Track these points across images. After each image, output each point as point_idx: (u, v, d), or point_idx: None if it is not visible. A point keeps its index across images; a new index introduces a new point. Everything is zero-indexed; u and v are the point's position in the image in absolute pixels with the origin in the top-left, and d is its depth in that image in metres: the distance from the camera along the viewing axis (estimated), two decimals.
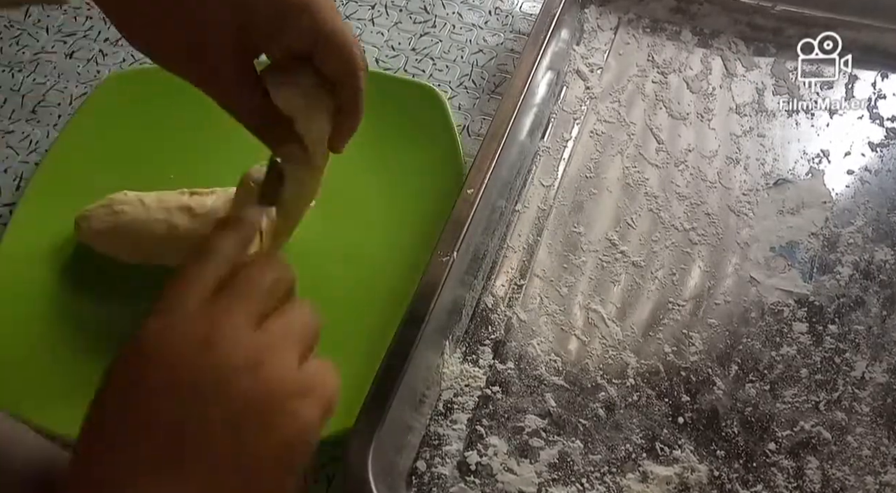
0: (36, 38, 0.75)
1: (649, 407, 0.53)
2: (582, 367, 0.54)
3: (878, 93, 0.67)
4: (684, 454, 0.51)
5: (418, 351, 0.50)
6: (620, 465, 0.50)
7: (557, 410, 0.52)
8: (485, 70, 0.72)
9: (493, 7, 0.76)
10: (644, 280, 0.58)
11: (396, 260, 0.59)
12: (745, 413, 0.52)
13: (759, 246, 0.60)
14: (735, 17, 0.71)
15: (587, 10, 0.72)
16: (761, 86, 0.68)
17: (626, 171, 0.64)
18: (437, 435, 0.51)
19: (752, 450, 0.51)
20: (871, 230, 0.60)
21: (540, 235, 0.61)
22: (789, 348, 0.55)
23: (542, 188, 0.63)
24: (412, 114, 0.65)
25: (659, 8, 0.72)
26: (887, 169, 0.63)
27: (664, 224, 0.61)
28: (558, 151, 0.65)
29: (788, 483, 0.49)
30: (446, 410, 0.53)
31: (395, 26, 0.75)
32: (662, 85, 0.68)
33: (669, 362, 0.54)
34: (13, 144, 0.68)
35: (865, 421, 0.52)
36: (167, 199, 0.56)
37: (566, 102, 0.67)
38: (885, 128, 0.65)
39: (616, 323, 0.56)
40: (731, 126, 0.66)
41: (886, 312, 0.56)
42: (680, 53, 0.70)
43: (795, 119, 0.66)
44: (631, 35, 0.71)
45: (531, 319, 0.56)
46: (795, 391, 0.53)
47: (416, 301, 0.52)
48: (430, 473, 0.50)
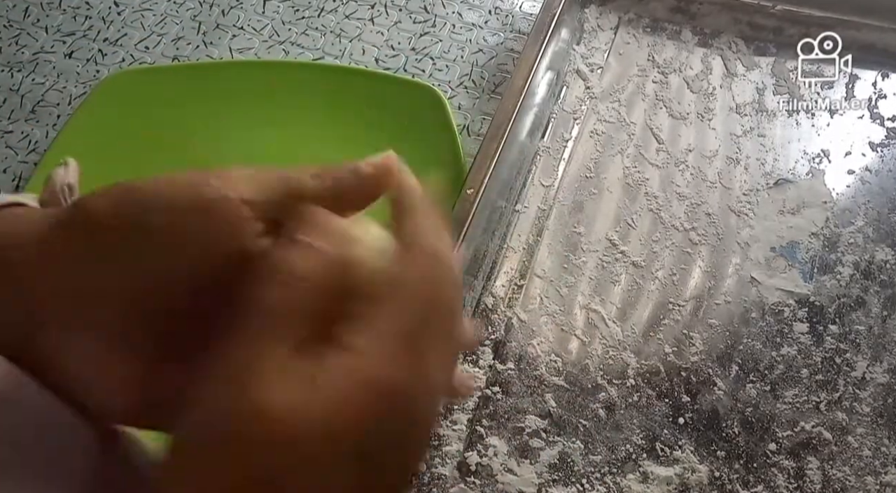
0: (35, 38, 0.75)
1: (650, 408, 0.52)
2: (582, 367, 0.54)
3: (878, 92, 0.67)
4: (685, 454, 0.51)
5: None
6: (621, 465, 0.50)
7: (558, 410, 0.52)
8: (485, 70, 0.72)
9: (493, 7, 0.76)
10: (644, 280, 0.58)
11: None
12: (746, 414, 0.52)
13: (759, 246, 0.59)
14: (735, 16, 0.71)
15: (587, 10, 0.72)
16: (762, 86, 0.68)
17: (627, 171, 0.63)
18: (437, 436, 0.51)
19: (752, 450, 0.51)
20: (871, 230, 0.60)
21: (540, 235, 0.60)
22: (790, 349, 0.55)
23: (542, 188, 0.63)
24: (412, 114, 0.65)
25: (659, 7, 0.72)
26: (888, 169, 0.63)
27: (664, 224, 0.61)
28: (558, 151, 0.65)
29: (789, 484, 0.49)
30: (446, 410, 0.52)
31: (395, 26, 0.75)
32: (663, 85, 0.68)
33: (670, 363, 0.54)
34: (12, 144, 0.68)
35: (866, 421, 0.52)
36: None
37: (566, 102, 0.67)
38: (885, 128, 0.65)
39: (616, 323, 0.56)
40: (732, 126, 0.66)
41: (887, 312, 0.56)
42: (680, 53, 0.70)
43: (796, 119, 0.66)
44: (631, 35, 0.71)
45: (531, 319, 0.56)
46: (796, 392, 0.53)
47: None
48: (430, 473, 0.50)
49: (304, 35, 0.75)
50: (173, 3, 0.78)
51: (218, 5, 0.78)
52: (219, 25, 0.76)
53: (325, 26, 0.76)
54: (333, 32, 0.75)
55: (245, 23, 0.76)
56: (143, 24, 0.77)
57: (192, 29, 0.76)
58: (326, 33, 0.75)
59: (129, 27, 0.76)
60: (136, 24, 0.77)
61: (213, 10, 0.77)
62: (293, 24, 0.76)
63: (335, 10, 0.77)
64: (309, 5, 0.77)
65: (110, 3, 0.78)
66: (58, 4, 0.78)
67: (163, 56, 0.74)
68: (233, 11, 0.77)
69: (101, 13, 0.77)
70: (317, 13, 0.76)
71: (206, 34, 0.76)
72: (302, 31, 0.75)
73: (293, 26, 0.76)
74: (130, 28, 0.76)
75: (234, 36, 0.76)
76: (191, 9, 0.78)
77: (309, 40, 0.75)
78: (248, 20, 0.77)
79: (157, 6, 0.78)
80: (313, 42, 0.75)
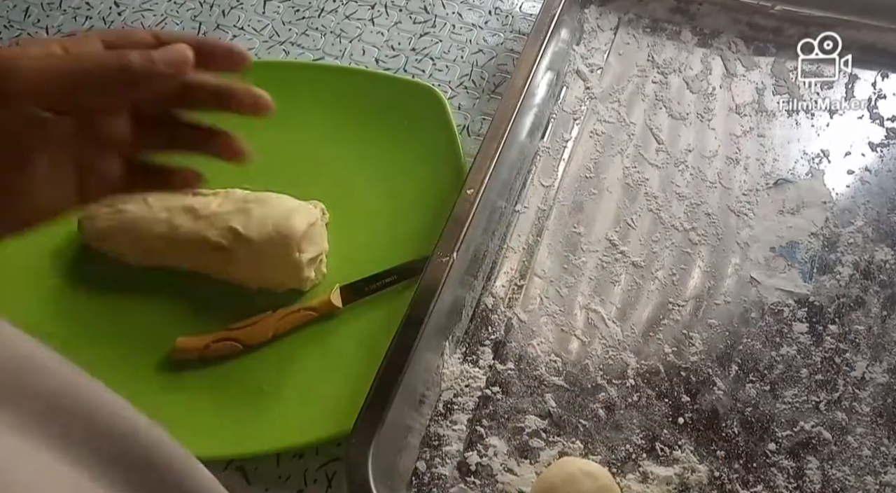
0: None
1: (649, 407, 0.53)
2: (582, 367, 0.54)
3: (878, 93, 0.67)
4: (684, 454, 0.51)
5: (418, 352, 0.50)
6: (621, 465, 0.50)
7: (557, 410, 0.52)
8: (485, 70, 0.72)
9: (493, 7, 0.76)
10: (644, 280, 0.58)
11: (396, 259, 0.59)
12: (746, 413, 0.52)
13: (759, 246, 0.59)
14: (735, 16, 0.71)
15: (587, 10, 0.72)
16: (761, 86, 0.68)
17: (626, 171, 0.64)
18: (437, 436, 0.52)
19: (752, 450, 0.51)
20: (871, 230, 0.60)
21: (540, 235, 0.61)
22: (789, 349, 0.55)
23: (542, 188, 0.63)
24: (412, 114, 0.65)
25: (659, 8, 0.72)
26: (887, 169, 0.63)
27: (664, 224, 0.61)
28: (558, 152, 0.65)
29: (788, 484, 0.49)
30: (446, 410, 0.53)
31: (395, 26, 0.75)
32: (662, 85, 0.68)
33: (669, 363, 0.54)
34: None
35: (865, 421, 0.52)
36: (170, 199, 0.56)
37: (566, 103, 0.67)
38: (885, 128, 0.65)
39: (616, 323, 0.56)
40: (731, 126, 0.66)
41: (887, 312, 0.56)
42: (680, 53, 0.70)
43: (795, 119, 0.66)
44: (631, 35, 0.71)
45: (531, 319, 0.56)
46: (795, 392, 0.53)
47: (415, 302, 0.52)
48: (431, 473, 0.50)
49: (305, 35, 0.75)
50: (173, 3, 0.78)
51: (218, 5, 0.78)
52: (219, 26, 0.77)
53: (326, 27, 0.76)
54: (333, 33, 0.75)
55: (245, 23, 0.76)
56: (143, 24, 0.77)
57: (192, 29, 0.76)
58: (326, 34, 0.75)
59: (129, 27, 0.77)
60: (137, 25, 0.77)
61: (214, 11, 0.77)
62: (293, 25, 0.76)
63: (335, 10, 0.77)
64: (309, 6, 0.77)
65: (110, 3, 0.78)
66: (58, 5, 0.78)
67: None
68: (233, 12, 0.77)
69: (101, 13, 0.77)
70: (317, 13, 0.77)
71: (206, 34, 0.76)
72: (302, 32, 0.75)
73: (293, 27, 0.76)
74: (130, 28, 0.76)
75: (234, 36, 0.76)
76: (191, 9, 0.78)
77: (309, 40, 0.75)
78: (249, 20, 0.77)
79: (157, 6, 0.78)
80: (313, 42, 0.75)
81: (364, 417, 0.48)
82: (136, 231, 0.55)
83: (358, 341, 0.56)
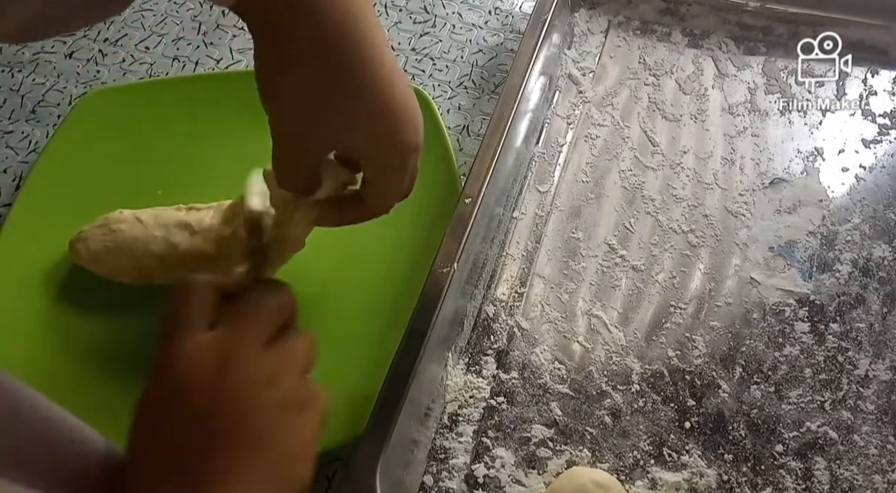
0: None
1: (655, 413, 0.52)
2: (586, 374, 0.54)
3: (869, 89, 0.67)
4: (692, 459, 0.50)
5: (422, 364, 0.50)
6: (629, 473, 0.50)
7: (563, 418, 0.52)
8: (485, 70, 0.71)
9: (493, 7, 0.76)
10: (645, 284, 0.58)
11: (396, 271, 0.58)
12: (752, 416, 0.52)
13: (757, 246, 0.59)
14: (724, 16, 0.71)
15: (577, 14, 0.72)
16: (753, 85, 0.68)
17: (623, 174, 0.63)
18: (444, 449, 0.51)
19: (759, 453, 0.51)
20: (868, 227, 0.60)
21: (539, 241, 0.60)
22: (792, 349, 0.55)
23: (539, 194, 0.63)
24: None
25: (648, 10, 0.72)
26: (881, 165, 0.63)
27: (663, 227, 0.61)
28: (553, 157, 0.64)
29: (797, 485, 0.49)
30: (451, 422, 0.52)
31: (395, 26, 0.75)
32: (655, 87, 0.68)
33: (673, 366, 0.54)
34: (12, 144, 0.68)
35: (871, 420, 0.52)
36: (164, 215, 0.55)
37: (559, 107, 0.67)
38: (877, 124, 0.66)
39: (618, 328, 0.56)
40: (725, 126, 0.66)
41: (887, 308, 0.56)
42: (671, 55, 0.70)
43: (788, 118, 0.66)
44: (621, 38, 0.71)
45: (533, 327, 0.56)
46: (800, 392, 0.53)
47: (417, 313, 0.51)
48: (438, 487, 0.49)
49: None
50: (173, 3, 0.77)
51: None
52: (219, 26, 0.76)
53: None
54: None
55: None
56: (143, 24, 0.76)
57: (192, 29, 0.76)
58: None
59: (129, 27, 0.76)
60: (136, 24, 0.76)
61: (214, 11, 0.77)
62: None
63: None
64: None
65: None
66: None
67: (163, 56, 0.73)
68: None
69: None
70: None
71: (206, 34, 0.75)
72: None
73: None
74: (130, 28, 0.76)
75: (234, 36, 0.75)
76: (191, 9, 0.77)
77: None
78: None
79: (157, 6, 0.77)
80: None
81: (370, 432, 0.47)
82: (132, 250, 0.54)
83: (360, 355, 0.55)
